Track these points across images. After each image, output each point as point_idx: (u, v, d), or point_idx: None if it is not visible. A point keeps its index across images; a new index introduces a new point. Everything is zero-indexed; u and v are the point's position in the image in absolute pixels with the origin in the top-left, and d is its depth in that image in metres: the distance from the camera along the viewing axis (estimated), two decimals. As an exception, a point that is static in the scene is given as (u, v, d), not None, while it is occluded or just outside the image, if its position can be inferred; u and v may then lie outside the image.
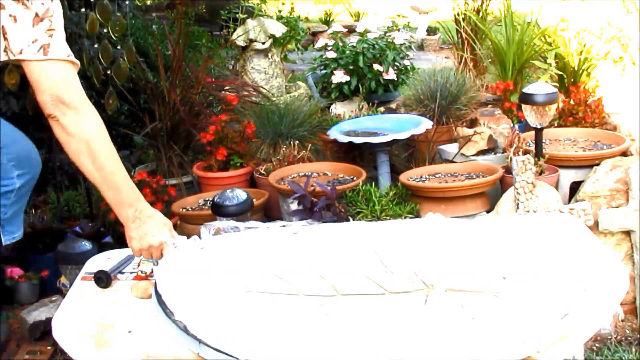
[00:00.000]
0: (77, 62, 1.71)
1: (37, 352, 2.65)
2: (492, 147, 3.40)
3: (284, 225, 1.90)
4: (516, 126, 3.34)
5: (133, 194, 1.72)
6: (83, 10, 3.44)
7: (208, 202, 3.09)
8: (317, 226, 1.89)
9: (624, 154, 3.09)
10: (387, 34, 4.16)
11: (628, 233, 2.80)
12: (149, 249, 1.73)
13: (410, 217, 2.89)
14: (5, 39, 1.68)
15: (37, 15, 1.63)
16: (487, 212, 2.91)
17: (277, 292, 1.52)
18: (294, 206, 2.92)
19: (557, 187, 2.94)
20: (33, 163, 2.40)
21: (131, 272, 1.78)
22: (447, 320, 1.40)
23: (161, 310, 1.49)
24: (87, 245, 2.65)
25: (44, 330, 2.69)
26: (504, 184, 2.98)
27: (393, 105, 4.03)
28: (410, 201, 2.97)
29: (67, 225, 3.28)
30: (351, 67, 4.01)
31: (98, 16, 3.12)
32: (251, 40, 4.28)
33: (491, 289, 1.50)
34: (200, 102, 3.72)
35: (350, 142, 3.34)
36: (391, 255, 1.67)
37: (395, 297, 1.49)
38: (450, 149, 3.47)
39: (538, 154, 2.99)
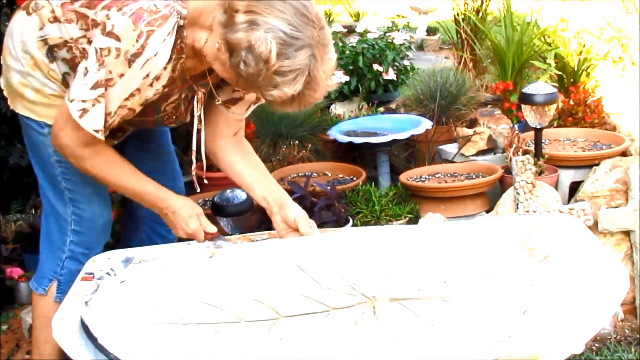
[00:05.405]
0: (101, 138, 1.79)
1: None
2: (491, 147, 3.40)
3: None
4: (516, 126, 3.34)
5: (154, 197, 1.95)
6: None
7: (208, 202, 3.09)
8: (232, 247, 1.82)
9: (624, 154, 3.09)
10: (387, 34, 4.16)
11: (627, 233, 2.81)
12: (188, 237, 1.96)
13: (410, 217, 2.89)
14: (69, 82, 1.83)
15: (99, 81, 1.70)
16: (487, 212, 2.91)
17: (217, 321, 1.42)
18: (294, 206, 2.91)
19: (556, 187, 2.95)
20: None
21: (131, 273, 1.77)
22: (408, 330, 1.35)
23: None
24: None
25: (44, 330, 2.68)
26: (503, 184, 2.98)
27: (393, 106, 4.03)
28: (410, 201, 2.97)
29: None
30: (351, 67, 4.01)
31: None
32: (251, 41, 4.27)
33: (436, 294, 1.46)
34: (200, 102, 3.71)
35: (350, 142, 3.33)
36: (318, 270, 1.61)
37: (341, 313, 1.43)
38: (450, 149, 3.48)
39: (538, 154, 2.99)
